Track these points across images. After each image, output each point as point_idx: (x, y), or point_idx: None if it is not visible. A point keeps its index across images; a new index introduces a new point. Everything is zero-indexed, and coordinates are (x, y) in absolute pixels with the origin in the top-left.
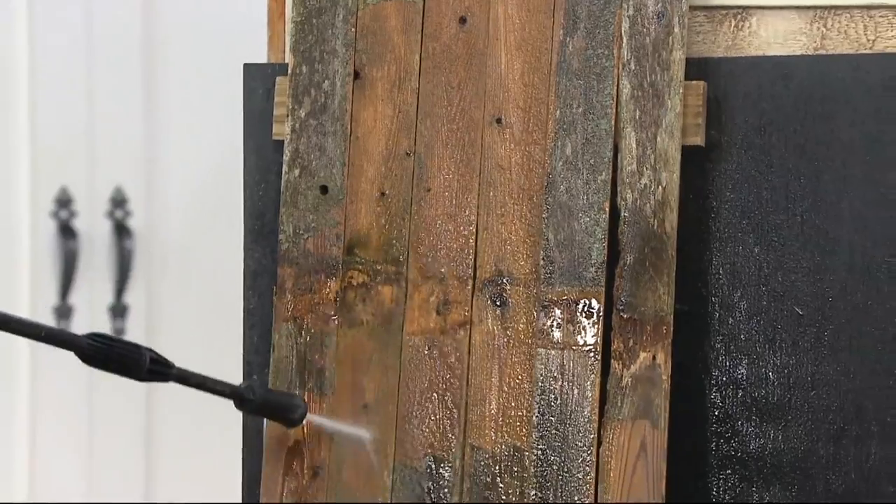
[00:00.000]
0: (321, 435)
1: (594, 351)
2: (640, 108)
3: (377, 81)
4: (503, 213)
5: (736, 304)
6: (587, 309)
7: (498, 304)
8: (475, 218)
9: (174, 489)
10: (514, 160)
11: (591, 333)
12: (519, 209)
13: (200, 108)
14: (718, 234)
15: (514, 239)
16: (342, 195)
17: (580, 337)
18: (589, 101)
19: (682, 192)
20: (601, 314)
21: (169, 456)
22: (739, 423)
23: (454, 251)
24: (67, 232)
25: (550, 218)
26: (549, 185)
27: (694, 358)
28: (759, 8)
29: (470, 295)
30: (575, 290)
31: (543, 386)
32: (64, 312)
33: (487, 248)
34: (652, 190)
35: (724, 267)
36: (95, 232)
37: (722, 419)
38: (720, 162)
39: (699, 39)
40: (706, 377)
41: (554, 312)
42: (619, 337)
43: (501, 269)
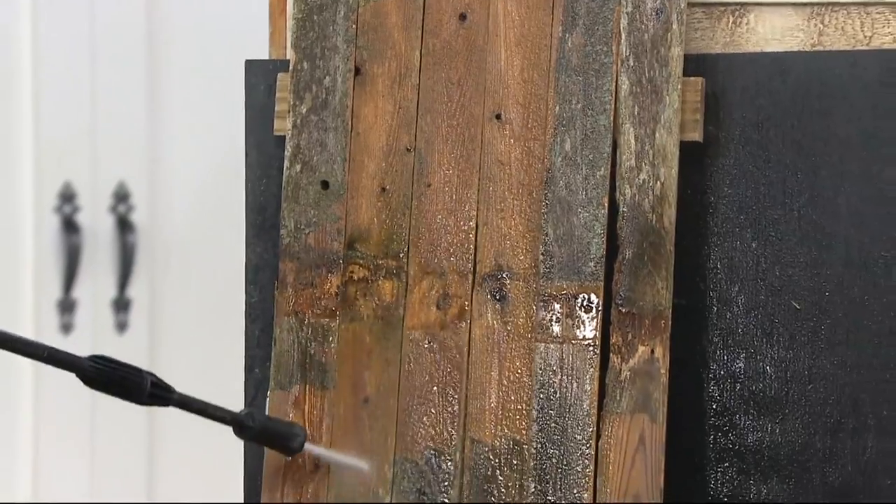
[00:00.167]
0: (322, 428)
1: (593, 345)
2: (638, 104)
3: (378, 77)
4: (503, 208)
5: (734, 298)
6: (586, 303)
7: (498, 298)
8: (475, 213)
9: (176, 489)
10: (513, 156)
11: (590, 327)
12: (518, 204)
13: (203, 104)
14: (716, 229)
15: (513, 234)
16: (343, 190)
17: (579, 331)
18: (588, 97)
19: (680, 187)
20: (600, 308)
21: (171, 456)
22: (737, 416)
23: (454, 246)
24: (71, 227)
25: (550, 213)
26: (548, 180)
27: (692, 352)
28: (756, 4)
29: (470, 289)
30: (574, 284)
31: (543, 380)
32: (67, 306)
33: (487, 242)
34: (650, 185)
35: (721, 262)
36: (98, 227)
37: (720, 413)
38: (718, 157)
39: (697, 36)
40: (704, 371)
41: (553, 307)
42: (617, 331)
43: (501, 263)
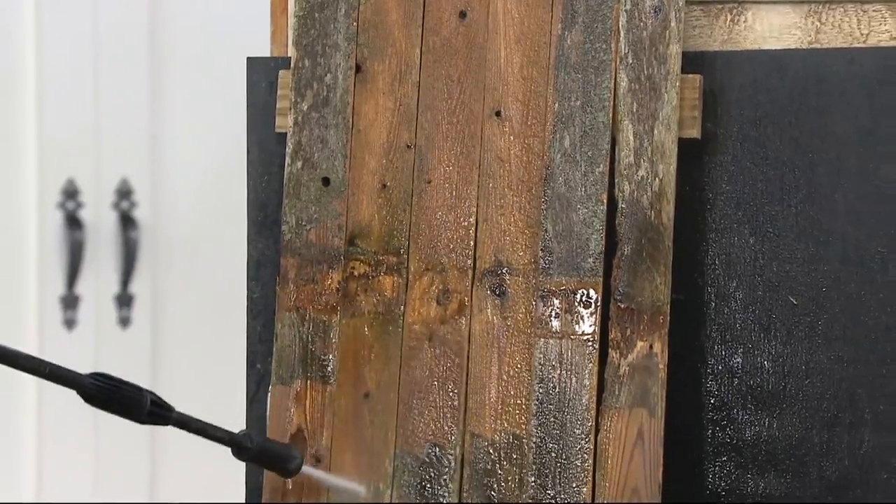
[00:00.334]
0: (323, 423)
1: (592, 340)
2: (637, 101)
3: (378, 75)
4: (502, 204)
5: (731, 293)
6: (585, 299)
7: (497, 294)
8: (475, 209)
9: (178, 489)
10: (513, 152)
11: (589, 323)
12: (518, 201)
13: (205, 101)
14: (714, 225)
15: (513, 230)
16: (344, 187)
17: (578, 326)
18: (587, 94)
19: (678, 183)
20: (599, 304)
21: (173, 456)
22: (735, 410)
23: (454, 242)
24: (74, 223)
25: (549, 209)
26: (547, 177)
27: (690, 347)
28: (754, 2)
29: (470, 285)
30: (573, 280)
31: (542, 374)
32: (70, 302)
33: (487, 238)
34: (649, 182)
35: (719, 257)
36: (101, 223)
37: (718, 407)
38: (716, 154)
39: (695, 33)
40: (702, 366)
41: (552, 302)
42: (616, 326)
43: (501, 259)
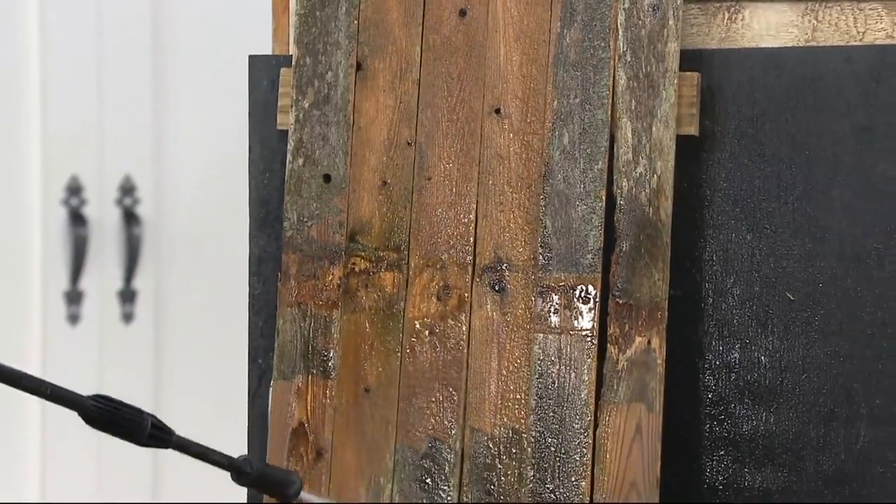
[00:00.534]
0: (324, 418)
1: (591, 335)
2: (635, 98)
3: (379, 73)
4: (502, 201)
5: (729, 289)
6: (584, 295)
7: (497, 289)
8: (475, 206)
9: (181, 489)
10: (512, 150)
11: (587, 318)
12: (517, 197)
13: (207, 98)
14: (712, 221)
15: (512, 226)
16: (345, 184)
17: (577, 322)
18: (586, 91)
19: (676, 180)
20: (598, 300)
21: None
22: (732, 405)
23: (454, 238)
24: (78, 219)
25: (548, 206)
26: (546, 174)
27: (688, 342)
28: (751, 1)
29: (470, 281)
30: (572, 276)
31: (541, 369)
32: (74, 297)
33: (487, 235)
34: (647, 178)
35: (717, 254)
36: (105, 219)
37: (715, 402)
38: (714, 151)
39: (693, 31)
40: (700, 361)
41: (552, 298)
42: (615, 322)
43: (500, 255)
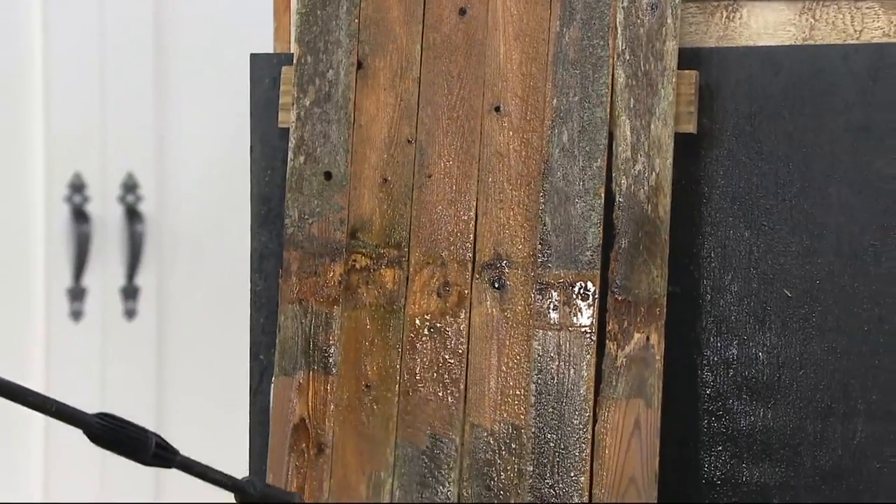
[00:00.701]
0: (325, 413)
1: (590, 332)
2: (634, 96)
3: (379, 71)
4: (502, 198)
5: (727, 286)
6: (583, 291)
7: (497, 286)
8: (475, 203)
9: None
10: (512, 147)
11: (586, 315)
12: (517, 195)
13: (209, 97)
14: (710, 218)
15: (512, 224)
16: (346, 181)
17: (576, 318)
18: (585, 89)
19: (674, 178)
20: (597, 296)
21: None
22: (730, 401)
23: (454, 235)
24: (81, 216)
25: (547, 203)
26: (546, 171)
27: (686, 339)
28: (749, 0)
29: (470, 278)
30: (571, 272)
31: (541, 365)
32: (77, 294)
33: (487, 232)
34: (646, 176)
35: (715, 251)
36: (108, 216)
37: (713, 398)
38: (712, 149)
39: (691, 30)
40: (698, 357)
41: (551, 294)
42: (613, 318)
43: (500, 252)
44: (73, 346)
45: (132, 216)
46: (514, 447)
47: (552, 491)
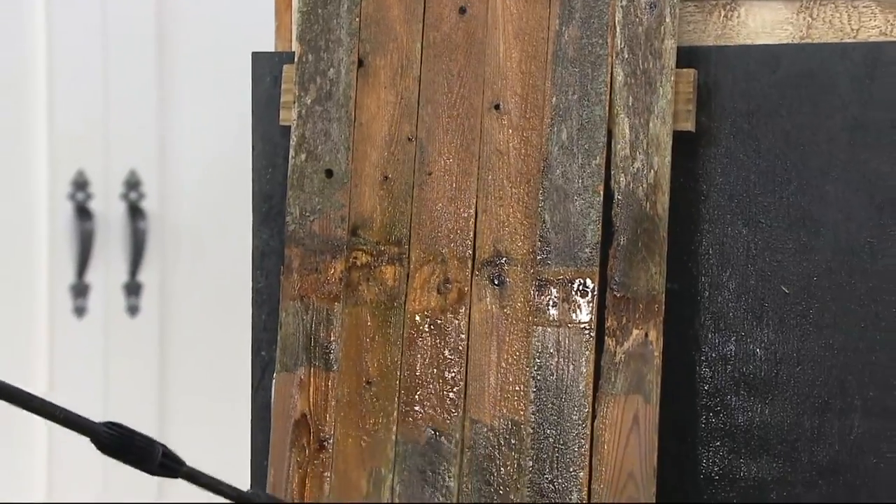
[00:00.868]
0: (326, 409)
1: (589, 328)
2: (632, 94)
3: (380, 69)
4: (501, 196)
5: (725, 283)
6: (582, 288)
7: (496, 283)
8: (475, 201)
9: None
10: (511, 145)
11: (585, 311)
12: (517, 192)
13: (211, 95)
14: (708, 216)
15: (511, 221)
16: (346, 179)
17: (575, 315)
18: (584, 88)
19: (673, 175)
20: (595, 293)
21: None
22: (728, 397)
23: (454, 233)
24: (84, 213)
25: (547, 201)
26: (545, 169)
27: (684, 335)
28: None
29: (469, 274)
30: (570, 269)
31: (540, 362)
32: (80, 290)
33: (486, 229)
34: (644, 174)
35: (713, 247)
36: (110, 213)
37: (711, 394)
38: (710, 146)
39: (690, 29)
40: (696, 353)
41: (550, 291)
42: (612, 315)
43: (500, 249)
44: (76, 341)
45: (135, 213)
46: (513, 443)
47: (551, 486)
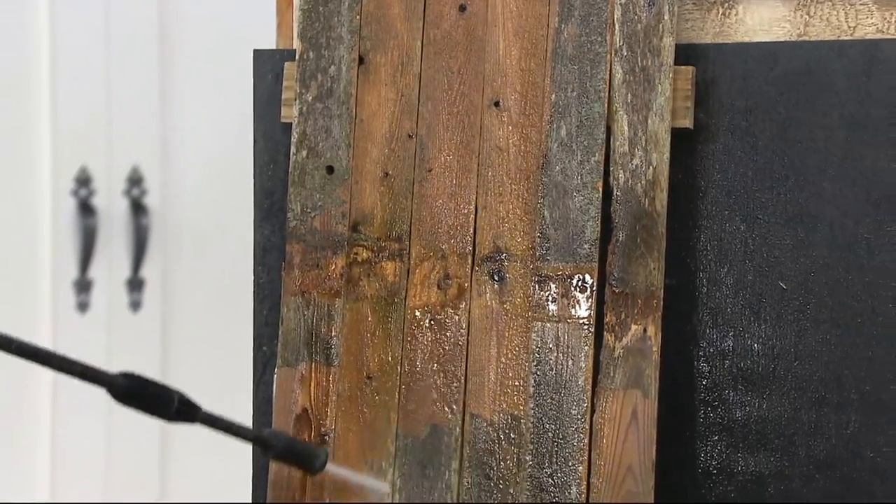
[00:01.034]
0: (327, 404)
1: (588, 323)
2: (631, 92)
3: (381, 67)
4: (501, 192)
5: (723, 278)
6: (581, 284)
7: (496, 279)
8: (474, 197)
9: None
10: (511, 142)
11: (584, 307)
12: (516, 189)
13: (212, 92)
14: (706, 212)
15: (511, 217)
16: (347, 175)
17: (574, 310)
18: (583, 85)
19: (671, 172)
20: (594, 289)
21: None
22: (726, 392)
23: (454, 229)
24: (87, 209)
25: (546, 197)
26: (544, 165)
27: (683, 330)
28: None
29: (469, 270)
30: (569, 265)
31: (539, 357)
32: (83, 286)
33: (486, 225)
34: (643, 170)
35: (711, 243)
36: (113, 209)
37: (709, 388)
38: (708, 143)
39: (688, 26)
40: (694, 348)
41: (550, 287)
42: (611, 310)
43: (500, 245)
44: (78, 336)
45: (137, 209)
46: (513, 437)
47: (551, 480)
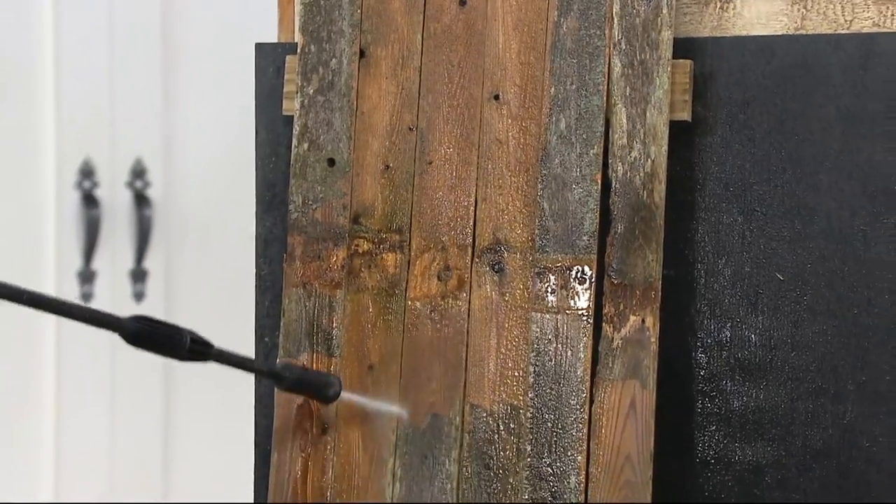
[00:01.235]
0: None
1: (587, 315)
2: (630, 85)
3: (381, 60)
4: (501, 184)
5: (720, 270)
6: (580, 275)
7: (496, 270)
8: (474, 189)
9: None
10: (511, 134)
11: (583, 298)
12: (516, 181)
13: (215, 85)
14: (704, 204)
15: (511, 209)
16: (348, 168)
17: (573, 301)
18: (582, 78)
19: (669, 164)
20: (593, 280)
21: (184, 457)
22: (723, 382)
23: (455, 221)
24: (90, 201)
25: (545, 189)
26: (544, 158)
27: (681, 321)
28: None
29: (469, 262)
30: (568, 257)
31: (539, 348)
32: (87, 277)
33: (486, 217)
34: (641, 163)
35: (709, 235)
36: (116, 201)
37: (707, 379)
38: (706, 136)
39: (686, 20)
40: (692, 339)
41: (549, 278)
42: (610, 301)
43: (499, 237)
44: (82, 327)
45: (140, 201)
46: (512, 427)
47: (550, 469)
